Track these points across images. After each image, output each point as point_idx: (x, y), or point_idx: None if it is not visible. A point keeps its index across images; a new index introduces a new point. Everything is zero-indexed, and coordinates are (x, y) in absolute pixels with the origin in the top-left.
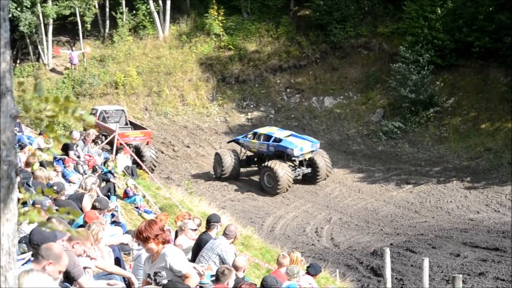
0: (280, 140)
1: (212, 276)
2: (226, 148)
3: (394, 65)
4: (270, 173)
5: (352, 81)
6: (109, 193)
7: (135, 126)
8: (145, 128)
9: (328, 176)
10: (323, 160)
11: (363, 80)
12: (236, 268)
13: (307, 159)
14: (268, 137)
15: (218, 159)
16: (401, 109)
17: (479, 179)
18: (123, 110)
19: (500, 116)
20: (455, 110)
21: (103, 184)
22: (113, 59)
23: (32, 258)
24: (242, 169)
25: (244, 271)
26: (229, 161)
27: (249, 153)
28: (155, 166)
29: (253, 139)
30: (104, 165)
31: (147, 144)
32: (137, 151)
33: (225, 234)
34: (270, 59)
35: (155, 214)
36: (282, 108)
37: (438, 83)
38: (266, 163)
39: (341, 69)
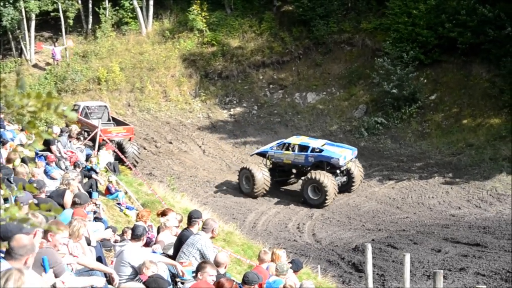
0: (320, 150)
1: (193, 272)
2: (252, 162)
3: (378, 59)
4: (316, 185)
5: (335, 77)
6: (91, 189)
7: (118, 122)
8: (127, 124)
9: (361, 183)
10: (356, 167)
11: (346, 76)
12: (218, 264)
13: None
14: (303, 148)
15: (247, 175)
16: (384, 105)
17: (461, 174)
18: (105, 106)
19: (482, 112)
20: (437, 106)
21: (85, 180)
22: (96, 55)
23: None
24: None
25: (225, 267)
26: (260, 176)
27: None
28: (137, 162)
29: (285, 150)
30: (87, 161)
31: (129, 140)
32: (120, 147)
33: (203, 228)
34: (253, 55)
35: (137, 210)
36: (265, 104)
37: (421, 79)
38: (310, 175)
39: (324, 65)
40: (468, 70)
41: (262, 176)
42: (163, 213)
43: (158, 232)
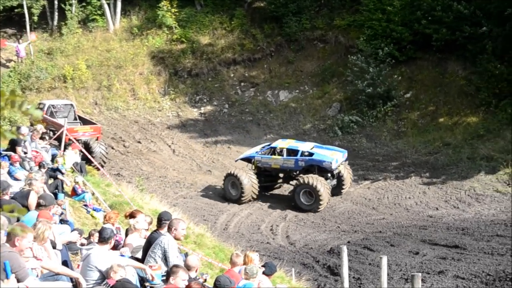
0: (310, 154)
1: (163, 276)
2: (238, 168)
3: (352, 57)
4: (309, 190)
5: (308, 74)
6: (56, 190)
7: (84, 121)
8: (94, 123)
9: (350, 185)
10: (346, 170)
11: (319, 73)
12: (188, 267)
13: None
14: (292, 152)
15: (233, 181)
16: (358, 103)
17: (438, 174)
18: (71, 105)
19: (459, 110)
20: (413, 104)
21: (51, 181)
22: (62, 52)
23: None
24: None
25: (196, 271)
26: (248, 182)
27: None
28: (105, 163)
29: (273, 154)
30: (52, 162)
31: (96, 139)
32: (87, 147)
33: (167, 228)
34: (223, 52)
35: (104, 212)
36: (236, 103)
37: (395, 76)
38: (302, 179)
39: (297, 62)
40: (444, 68)
41: (250, 182)
42: (131, 215)
43: (127, 235)
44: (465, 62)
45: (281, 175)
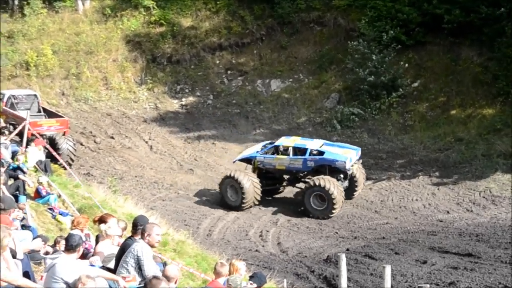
0: (321, 152)
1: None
2: (237, 170)
3: (352, 42)
4: (320, 193)
5: (303, 61)
6: (17, 192)
7: (50, 114)
8: (61, 116)
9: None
10: (359, 170)
11: (316, 60)
12: (168, 278)
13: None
14: (299, 150)
15: (233, 185)
16: (359, 94)
17: (449, 173)
18: (35, 95)
19: (473, 101)
20: (421, 95)
21: (11, 181)
22: (24, 36)
23: None
24: None
25: (176, 282)
26: (250, 186)
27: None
28: (73, 161)
29: (276, 154)
30: (12, 159)
31: (63, 134)
32: (52, 143)
33: (141, 234)
34: (208, 36)
35: (72, 216)
36: (222, 93)
37: (401, 63)
38: (313, 182)
39: (290, 48)
40: (457, 53)
41: (252, 185)
42: (102, 220)
43: (97, 242)
44: (481, 47)
45: (285, 176)
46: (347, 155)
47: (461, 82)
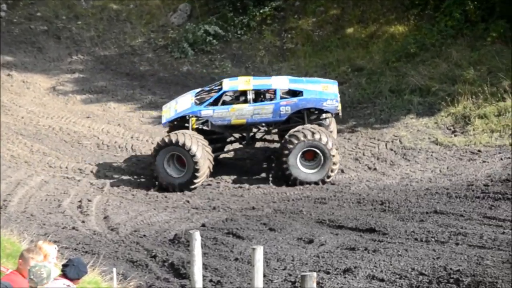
0: (295, 92)
1: None
2: (178, 132)
3: None
4: (313, 150)
5: None
6: None
7: None
8: None
9: None
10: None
11: None
12: None
13: None
14: (262, 94)
15: (175, 154)
16: (219, 6)
17: (344, 117)
18: None
19: (377, 15)
20: (306, 7)
21: None
22: None
23: None
24: None
25: None
26: (201, 153)
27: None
28: None
29: (234, 103)
30: None
31: None
32: None
33: None
34: None
35: None
36: (21, 2)
37: None
38: (301, 134)
39: None
40: None
41: (203, 152)
42: None
43: None
44: None
45: (237, 135)
46: (331, 91)
47: None
